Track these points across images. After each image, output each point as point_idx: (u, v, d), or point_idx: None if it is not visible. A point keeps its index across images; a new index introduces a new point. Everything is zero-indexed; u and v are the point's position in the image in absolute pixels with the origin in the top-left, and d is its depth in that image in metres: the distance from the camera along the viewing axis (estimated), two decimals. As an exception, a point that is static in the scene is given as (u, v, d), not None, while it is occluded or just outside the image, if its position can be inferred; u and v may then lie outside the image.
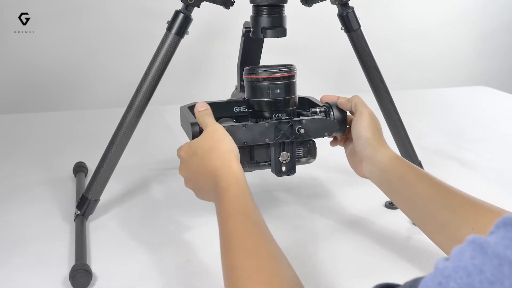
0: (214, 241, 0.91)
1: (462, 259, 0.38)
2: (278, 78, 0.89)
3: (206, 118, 0.83)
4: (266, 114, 0.91)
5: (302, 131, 0.89)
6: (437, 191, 0.75)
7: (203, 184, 0.77)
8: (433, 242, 0.76)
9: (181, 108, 0.98)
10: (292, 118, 0.91)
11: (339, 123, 0.93)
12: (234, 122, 0.98)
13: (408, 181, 0.79)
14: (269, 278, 0.59)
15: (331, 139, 0.97)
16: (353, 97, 0.92)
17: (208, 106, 0.85)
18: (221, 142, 0.78)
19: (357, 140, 0.87)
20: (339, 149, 0.99)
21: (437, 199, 0.74)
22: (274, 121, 0.89)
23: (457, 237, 0.70)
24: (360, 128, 0.87)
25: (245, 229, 0.66)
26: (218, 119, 0.97)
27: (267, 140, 0.89)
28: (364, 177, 0.89)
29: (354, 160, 0.90)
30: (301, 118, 0.91)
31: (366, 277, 0.83)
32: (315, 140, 0.94)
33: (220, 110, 0.99)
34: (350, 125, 0.94)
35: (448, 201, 0.73)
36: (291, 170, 0.93)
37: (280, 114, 0.91)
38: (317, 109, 0.95)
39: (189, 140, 0.93)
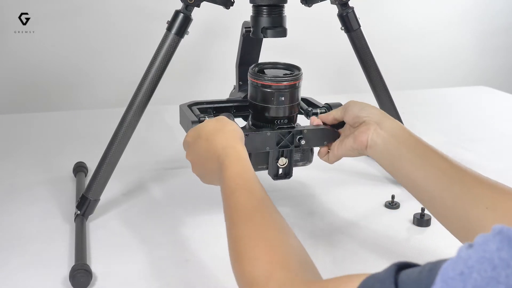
0: (213, 241, 0.91)
1: (488, 250, 0.36)
2: (283, 87, 0.89)
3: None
4: (268, 118, 0.91)
5: (303, 142, 0.89)
6: (450, 165, 0.71)
7: (208, 166, 0.76)
8: (442, 225, 0.72)
9: (181, 106, 0.98)
10: (293, 127, 0.91)
11: (338, 125, 0.93)
12: (234, 119, 0.98)
13: (419, 150, 0.75)
14: (276, 246, 0.58)
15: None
16: (328, 114, 0.91)
17: None
18: (225, 125, 0.78)
19: (361, 111, 0.83)
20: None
21: (450, 172, 0.70)
22: (276, 131, 0.89)
23: (469, 216, 0.65)
24: (359, 104, 0.84)
25: (250, 203, 0.65)
26: (218, 114, 0.97)
27: (267, 148, 0.89)
28: (365, 147, 0.81)
29: (355, 134, 0.83)
30: (302, 127, 0.91)
31: (366, 277, 0.83)
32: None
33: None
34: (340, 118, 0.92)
35: (462, 176, 0.69)
36: (287, 175, 0.94)
37: (282, 120, 0.91)
38: (318, 111, 0.95)
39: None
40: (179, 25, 0.94)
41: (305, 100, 1.03)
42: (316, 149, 0.96)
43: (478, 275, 0.36)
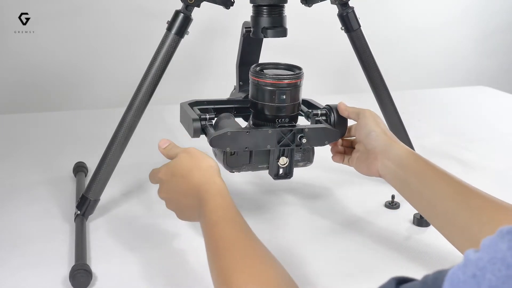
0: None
1: (498, 250, 0.36)
2: (285, 85, 0.89)
3: (174, 149, 0.83)
4: (269, 117, 0.91)
5: (304, 140, 0.89)
6: (456, 191, 0.73)
7: (186, 202, 0.76)
8: (452, 245, 0.74)
9: (181, 105, 0.98)
10: (294, 126, 0.91)
11: (340, 126, 0.93)
12: (234, 119, 0.98)
13: (426, 179, 0.76)
14: (262, 273, 0.59)
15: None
16: (347, 107, 0.92)
17: (170, 141, 0.85)
18: (200, 160, 0.77)
19: (367, 137, 0.86)
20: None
21: (457, 199, 0.72)
22: (277, 129, 0.89)
23: (478, 240, 0.65)
24: (368, 125, 0.86)
25: (234, 233, 0.66)
26: (218, 114, 0.97)
27: (268, 147, 0.89)
28: (379, 175, 0.86)
29: (368, 161, 0.87)
30: (303, 126, 0.91)
31: (366, 277, 0.83)
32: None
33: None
34: (353, 134, 0.94)
35: (468, 202, 0.70)
36: (288, 174, 0.94)
37: (283, 119, 0.91)
38: (318, 112, 0.95)
39: (190, 137, 0.93)
40: (179, 25, 0.94)
41: (305, 101, 1.02)
42: (316, 149, 0.96)
43: (492, 276, 0.36)
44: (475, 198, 0.71)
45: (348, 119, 0.93)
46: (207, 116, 0.91)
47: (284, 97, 0.89)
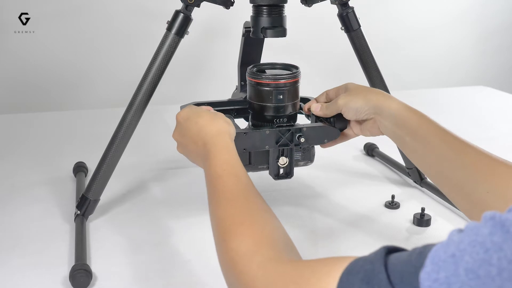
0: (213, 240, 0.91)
1: (480, 234, 0.37)
2: (281, 85, 0.89)
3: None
4: (267, 117, 0.91)
5: (302, 139, 0.89)
6: (451, 147, 0.72)
7: (193, 148, 0.78)
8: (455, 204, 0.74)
9: (182, 108, 0.98)
10: (293, 125, 0.91)
11: (339, 123, 0.92)
12: (234, 120, 0.98)
13: (420, 136, 0.76)
14: (262, 225, 0.59)
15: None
16: (326, 108, 0.89)
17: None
18: (218, 118, 0.79)
19: (357, 114, 0.83)
20: (339, 149, 0.99)
21: (451, 156, 0.71)
22: (275, 129, 0.89)
23: (473, 199, 0.67)
24: (351, 106, 0.83)
25: (236, 187, 0.66)
26: None
27: (267, 147, 0.89)
28: (382, 134, 0.84)
29: (368, 126, 0.85)
30: (301, 125, 0.91)
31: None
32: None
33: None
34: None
35: (463, 159, 0.70)
36: (288, 174, 0.93)
37: (281, 119, 0.91)
38: None
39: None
40: (179, 25, 0.94)
41: (305, 100, 1.02)
42: (318, 146, 0.96)
43: (470, 258, 0.36)
44: (470, 155, 0.70)
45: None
46: None
47: (281, 97, 0.89)
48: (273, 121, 0.91)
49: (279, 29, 0.96)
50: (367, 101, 0.82)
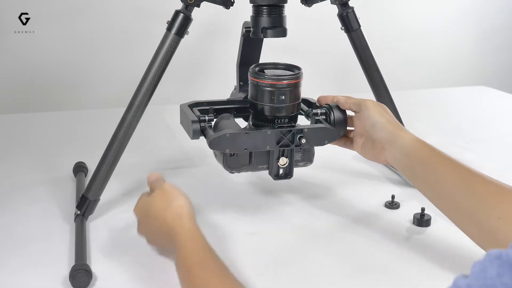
0: (213, 241, 0.91)
1: (488, 277, 0.36)
2: (283, 85, 0.89)
3: (156, 183, 0.83)
4: (269, 118, 0.91)
5: (303, 140, 0.89)
6: (461, 177, 0.73)
7: (161, 243, 0.79)
8: (464, 233, 0.75)
9: (181, 106, 0.98)
10: (294, 126, 0.91)
11: (339, 125, 0.92)
12: (234, 119, 0.98)
13: (431, 167, 0.77)
14: None
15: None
16: (348, 97, 0.91)
17: (159, 174, 0.85)
18: (171, 201, 0.78)
19: (372, 128, 0.86)
20: (339, 149, 0.99)
21: (462, 186, 0.72)
22: (276, 129, 0.89)
23: (485, 226, 0.68)
24: (371, 117, 0.86)
25: (208, 277, 0.66)
26: (218, 115, 0.97)
27: (268, 147, 0.89)
28: (388, 164, 0.87)
29: (375, 150, 0.88)
30: (302, 126, 0.91)
31: (366, 277, 0.83)
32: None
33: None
34: (352, 124, 0.94)
35: (473, 188, 0.71)
36: (288, 175, 0.94)
37: (282, 120, 0.91)
38: (318, 111, 0.95)
39: (189, 139, 0.93)
40: (179, 25, 0.94)
41: (305, 101, 1.03)
42: (316, 149, 0.96)
43: None
44: (480, 184, 0.71)
45: (347, 117, 0.93)
46: (206, 118, 0.91)
47: (283, 97, 0.89)
48: (274, 121, 0.91)
49: (279, 29, 0.96)
50: (385, 125, 0.85)
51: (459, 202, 0.73)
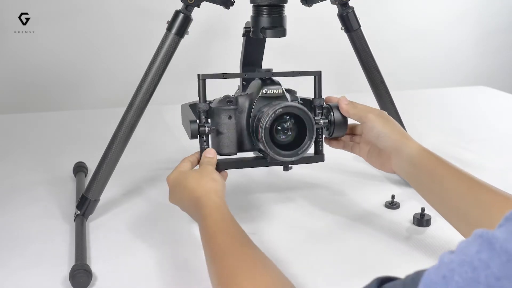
0: None
1: (468, 253, 0.37)
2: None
3: (206, 161, 0.86)
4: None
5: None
6: (468, 187, 0.74)
7: (188, 210, 0.82)
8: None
9: (182, 106, 0.98)
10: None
11: (339, 126, 0.92)
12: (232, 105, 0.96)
13: (437, 176, 0.78)
14: (259, 275, 0.61)
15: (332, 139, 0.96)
16: (351, 106, 0.90)
17: (215, 155, 0.87)
18: (205, 176, 0.81)
19: (377, 139, 0.86)
20: (339, 150, 0.99)
21: (467, 195, 0.73)
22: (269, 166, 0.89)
23: None
24: (376, 128, 0.86)
25: (231, 243, 0.68)
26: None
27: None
28: (394, 172, 0.88)
29: (381, 159, 0.88)
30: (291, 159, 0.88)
31: (366, 277, 0.83)
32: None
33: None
34: (357, 133, 0.94)
35: (479, 198, 0.72)
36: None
37: None
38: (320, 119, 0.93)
39: (188, 139, 0.93)
40: (179, 25, 0.94)
41: (306, 100, 1.02)
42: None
43: (459, 277, 0.37)
44: (485, 193, 0.72)
45: (348, 118, 0.93)
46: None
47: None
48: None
49: (278, 29, 0.96)
50: (390, 135, 0.85)
51: (464, 211, 0.73)
